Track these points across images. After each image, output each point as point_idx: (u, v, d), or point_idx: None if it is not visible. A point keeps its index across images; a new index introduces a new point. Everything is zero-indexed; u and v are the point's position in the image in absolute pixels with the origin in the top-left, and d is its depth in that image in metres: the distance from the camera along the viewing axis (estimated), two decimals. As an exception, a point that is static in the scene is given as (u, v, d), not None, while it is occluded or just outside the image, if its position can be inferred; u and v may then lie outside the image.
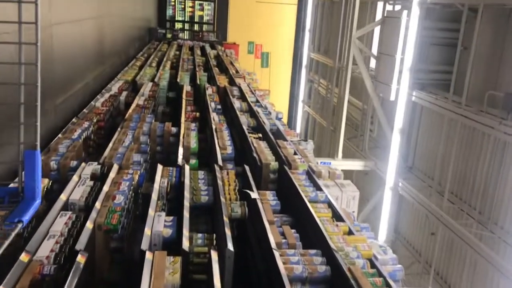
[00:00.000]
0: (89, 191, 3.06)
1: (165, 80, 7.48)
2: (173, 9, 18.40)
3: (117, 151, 3.73)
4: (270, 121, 5.16)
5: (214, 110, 5.77)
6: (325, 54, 17.15)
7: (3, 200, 2.33)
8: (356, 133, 13.97)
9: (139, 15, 11.31)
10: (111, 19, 7.57)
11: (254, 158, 3.87)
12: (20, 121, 2.28)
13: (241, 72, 9.49)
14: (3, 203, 2.32)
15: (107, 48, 7.32)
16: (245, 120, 5.21)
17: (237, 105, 5.93)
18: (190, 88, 7.14)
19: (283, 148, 4.14)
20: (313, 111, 17.89)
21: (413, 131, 11.25)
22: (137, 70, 8.17)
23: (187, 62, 9.92)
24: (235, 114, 5.53)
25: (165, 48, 12.33)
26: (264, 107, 6.20)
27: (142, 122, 4.70)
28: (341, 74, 14.43)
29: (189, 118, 5.29)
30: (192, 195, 3.13)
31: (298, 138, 5.34)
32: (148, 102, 5.90)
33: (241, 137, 4.75)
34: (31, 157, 2.29)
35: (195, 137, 4.41)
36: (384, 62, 10.71)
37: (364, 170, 12.42)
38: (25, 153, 2.29)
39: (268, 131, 4.81)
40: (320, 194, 3.33)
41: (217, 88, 7.25)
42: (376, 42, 12.81)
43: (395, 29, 10.07)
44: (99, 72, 6.95)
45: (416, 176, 11.24)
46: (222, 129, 4.66)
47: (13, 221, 2.13)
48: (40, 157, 2.34)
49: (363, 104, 12.96)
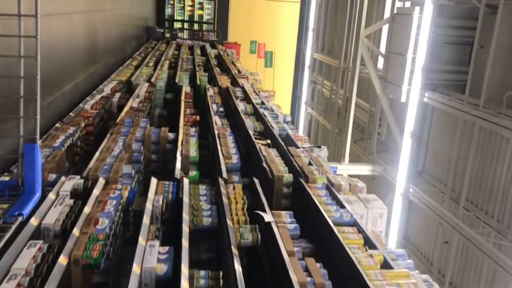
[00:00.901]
0: (68, 212, 2.52)
1: (162, 81, 6.95)
2: (172, 8, 17.86)
3: (104, 162, 3.19)
4: (278, 125, 4.62)
5: (216, 113, 5.23)
6: (329, 54, 16.63)
7: (3, 193, 2.31)
8: (362, 136, 13.42)
9: (135, 13, 10.78)
10: (105, 15, 7.04)
11: (263, 169, 3.33)
12: (20, 115, 2.26)
13: (243, 72, 8.97)
14: (3, 196, 2.30)
15: (100, 46, 6.79)
16: (251, 124, 4.67)
17: (241, 108, 5.40)
18: (189, 89, 6.61)
19: (296, 156, 3.60)
20: (317, 113, 17.36)
21: (424, 134, 10.71)
22: (133, 70, 7.64)
23: (186, 62, 9.39)
24: (239, 117, 4.99)
25: (164, 47, 11.80)
26: (271, 110, 5.67)
27: (136, 127, 4.16)
28: (347, 75, 13.94)
29: (189, 122, 4.75)
30: (193, 216, 2.59)
31: (309, 143, 4.80)
32: (144, 104, 5.36)
33: (247, 143, 4.21)
34: (31, 150, 2.27)
35: (195, 144, 3.87)
36: (394, 62, 10.18)
37: (372, 175, 11.88)
38: (25, 146, 2.26)
39: (278, 137, 4.27)
40: (345, 214, 2.79)
41: (218, 89, 6.72)
42: (384, 40, 12.28)
43: (406, 27, 9.54)
44: (91, 71, 6.42)
45: (427, 181, 10.69)
46: (225, 134, 4.12)
47: (13, 214, 2.11)
48: (40, 150, 2.31)
49: (370, 106, 12.41)
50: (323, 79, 16.89)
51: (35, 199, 2.31)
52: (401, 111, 11.16)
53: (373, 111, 12.26)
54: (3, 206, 2.22)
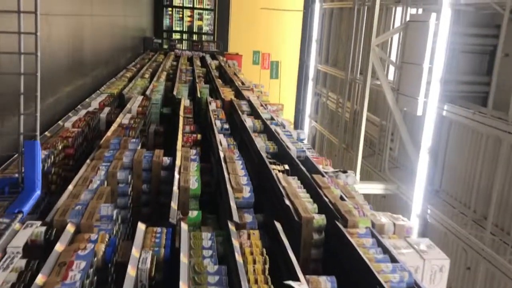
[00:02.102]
0: (14, 283, 1.74)
1: (159, 93, 6.21)
2: (170, 19, 17.24)
3: (78, 200, 2.42)
4: (295, 146, 3.86)
5: (221, 130, 4.48)
6: (334, 66, 15.96)
7: (4, 190, 2.30)
8: (372, 151, 12.65)
9: (131, 22, 10.09)
10: (95, 21, 6.33)
11: (285, 208, 2.56)
12: (20, 112, 2.28)
13: (247, 84, 8.25)
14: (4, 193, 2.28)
15: (88, 56, 6.06)
16: (263, 144, 3.91)
17: (249, 124, 4.64)
18: (189, 102, 5.88)
19: (325, 188, 2.83)
20: (321, 127, 16.62)
21: (440, 149, 9.95)
22: (126, 82, 6.90)
23: (185, 73, 8.68)
24: (248, 135, 4.24)
25: (161, 58, 11.11)
26: (282, 125, 4.92)
27: (123, 150, 3.39)
28: (354, 87, 13.25)
29: (188, 142, 3.99)
30: (194, 284, 1.81)
31: (330, 166, 4.04)
32: (135, 120, 4.60)
33: (260, 169, 3.44)
34: (31, 147, 2.26)
35: (195, 171, 3.10)
36: (408, 72, 9.47)
37: (383, 194, 11.10)
38: (25, 143, 2.26)
39: (297, 160, 3.51)
40: (401, 271, 2.02)
41: (222, 102, 5.98)
42: (394, 50, 11.60)
43: (421, 35, 8.84)
44: (78, 84, 5.68)
45: (444, 200, 9.90)
46: (233, 158, 3.36)
47: (13, 211, 2.09)
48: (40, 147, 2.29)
49: (381, 119, 11.67)
50: (328, 92, 16.19)
51: (34, 197, 2.28)
52: (415, 125, 10.42)
53: (384, 125, 11.51)
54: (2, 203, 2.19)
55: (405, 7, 10.87)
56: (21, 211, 2.13)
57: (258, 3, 16.10)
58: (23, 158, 2.29)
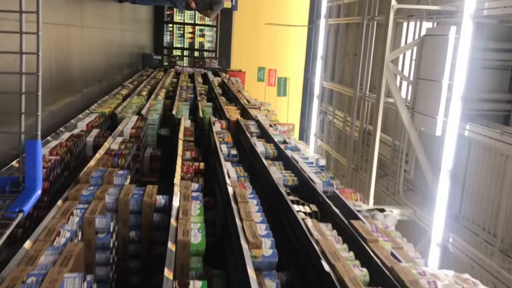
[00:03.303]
0: None
1: (156, 113, 5.53)
2: (171, 35, 16.70)
3: (32, 268, 1.71)
4: (320, 177, 3.15)
5: (228, 156, 3.77)
6: (340, 83, 15.34)
7: (4, 189, 2.27)
8: (383, 172, 11.92)
9: (128, 38, 9.48)
10: (85, 33, 5.69)
11: (324, 273, 1.84)
12: (21, 111, 2.28)
13: (253, 102, 7.59)
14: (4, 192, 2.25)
15: (77, 71, 5.40)
16: (280, 176, 3.20)
17: (261, 149, 3.95)
18: (190, 123, 5.19)
19: (372, 242, 2.11)
20: (328, 146, 15.93)
21: (459, 171, 9.23)
22: (121, 100, 6.23)
23: (186, 91, 8.02)
24: (260, 164, 3.54)
25: (161, 75, 10.48)
26: (297, 150, 4.23)
27: (107, 185, 2.69)
28: (363, 104, 12.60)
29: (189, 173, 3.29)
30: None
31: (361, 201, 3.33)
32: (127, 145, 3.91)
33: (279, 208, 2.73)
34: (32, 146, 2.26)
35: (198, 215, 2.40)
36: (425, 90, 8.81)
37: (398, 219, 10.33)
38: (26, 142, 2.26)
39: (324, 197, 2.80)
40: None
41: (227, 122, 5.29)
42: (406, 66, 10.98)
43: (440, 49, 8.21)
44: (64, 102, 5.01)
45: (465, 227, 9.14)
46: (245, 196, 2.65)
47: (14, 210, 2.04)
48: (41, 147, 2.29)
49: (394, 139, 10.98)
50: (335, 109, 15.55)
51: (35, 196, 2.21)
52: (432, 145, 9.74)
53: (397, 145, 10.81)
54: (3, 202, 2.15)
55: (417, 20, 10.30)
56: (22, 210, 2.09)
57: (262, 19, 15.57)
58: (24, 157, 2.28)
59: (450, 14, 9.17)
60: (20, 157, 2.31)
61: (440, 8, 8.66)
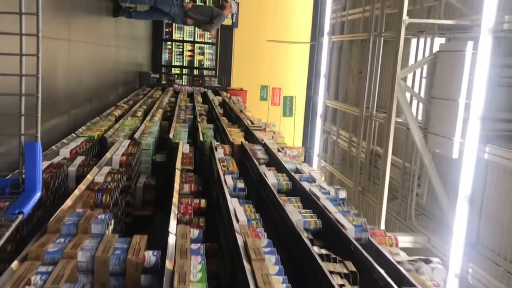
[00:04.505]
0: None
1: (151, 136, 4.95)
2: (170, 53, 16.25)
3: None
4: (349, 219, 2.55)
5: (234, 191, 3.17)
6: (344, 102, 14.84)
7: (4, 191, 2.28)
8: (392, 196, 11.30)
9: (123, 55, 8.97)
10: (73, 48, 5.14)
11: None
12: (21, 113, 2.30)
13: (256, 122, 7.04)
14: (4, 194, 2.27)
15: (61, 89, 4.84)
16: (299, 217, 2.61)
17: (272, 180, 3.35)
18: (188, 148, 4.60)
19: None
20: (332, 168, 15.32)
21: (476, 195, 8.62)
22: (113, 122, 5.65)
23: (184, 111, 7.47)
24: (274, 201, 2.94)
25: (158, 94, 9.95)
26: (312, 180, 3.64)
27: (82, 236, 2.08)
28: (370, 124, 12.05)
29: (187, 214, 2.69)
30: None
31: (397, 247, 2.73)
32: (115, 177, 3.31)
33: (306, 267, 2.12)
34: (32, 148, 2.28)
35: (200, 282, 1.80)
36: (440, 109, 8.28)
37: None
38: (26, 144, 2.28)
39: (360, 247, 2.20)
40: None
41: (231, 147, 4.71)
42: (417, 84, 10.45)
43: (456, 66, 7.70)
44: (47, 126, 4.43)
45: (484, 256, 8.50)
46: (260, 250, 2.05)
47: (13, 212, 2.04)
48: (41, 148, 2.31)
49: (403, 161, 10.39)
50: (339, 129, 15.00)
51: (35, 198, 2.24)
52: (445, 168, 9.16)
53: (407, 168, 10.22)
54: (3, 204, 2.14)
55: (427, 36, 9.83)
56: (21, 211, 2.08)
57: (263, 36, 15.15)
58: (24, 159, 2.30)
59: (463, 29, 8.71)
60: (20, 159, 2.33)
61: (455, 23, 8.19)
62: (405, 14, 8.32)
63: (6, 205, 2.14)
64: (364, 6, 13.28)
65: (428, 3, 9.86)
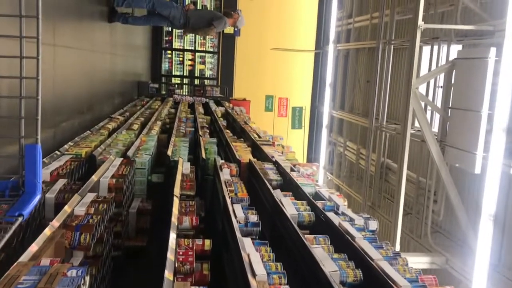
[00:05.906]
0: None
1: (147, 153, 4.37)
2: (170, 62, 15.73)
3: None
4: (399, 269, 1.96)
5: (245, 227, 2.57)
6: (350, 112, 14.27)
7: (4, 193, 2.28)
8: (405, 211, 10.65)
9: (120, 64, 8.42)
10: (59, 54, 4.58)
11: None
12: (21, 115, 2.31)
13: (263, 135, 6.48)
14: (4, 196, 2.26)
15: (47, 100, 4.26)
16: (333, 267, 2.01)
17: (292, 211, 2.76)
18: (189, 167, 4.01)
19: None
20: (339, 181, 14.71)
21: (498, 212, 8.00)
22: (105, 136, 5.06)
23: (185, 123, 6.90)
24: (296, 240, 2.35)
25: (157, 105, 9.39)
26: (337, 207, 3.05)
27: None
28: (380, 136, 11.47)
29: (187, 262, 2.08)
30: None
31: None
32: (100, 207, 2.72)
33: None
34: (32, 151, 2.29)
35: None
36: (459, 121, 7.70)
37: (428, 267, 9.03)
38: (26, 147, 2.29)
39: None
40: None
41: (238, 166, 4.12)
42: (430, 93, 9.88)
43: (478, 74, 7.14)
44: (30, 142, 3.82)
45: (507, 278, 7.87)
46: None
47: (13, 214, 2.05)
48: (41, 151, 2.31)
49: (418, 175, 9.79)
50: (346, 141, 14.42)
51: (35, 200, 2.25)
52: (464, 183, 8.55)
53: (422, 183, 9.61)
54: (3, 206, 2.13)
55: (442, 43, 9.29)
56: (21, 214, 2.06)
57: (266, 44, 14.62)
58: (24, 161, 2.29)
59: (482, 35, 8.17)
60: (20, 161, 2.34)
61: (476, 28, 7.64)
62: (420, 19, 7.78)
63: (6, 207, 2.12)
64: (372, 13, 12.77)
65: (442, 8, 9.33)
